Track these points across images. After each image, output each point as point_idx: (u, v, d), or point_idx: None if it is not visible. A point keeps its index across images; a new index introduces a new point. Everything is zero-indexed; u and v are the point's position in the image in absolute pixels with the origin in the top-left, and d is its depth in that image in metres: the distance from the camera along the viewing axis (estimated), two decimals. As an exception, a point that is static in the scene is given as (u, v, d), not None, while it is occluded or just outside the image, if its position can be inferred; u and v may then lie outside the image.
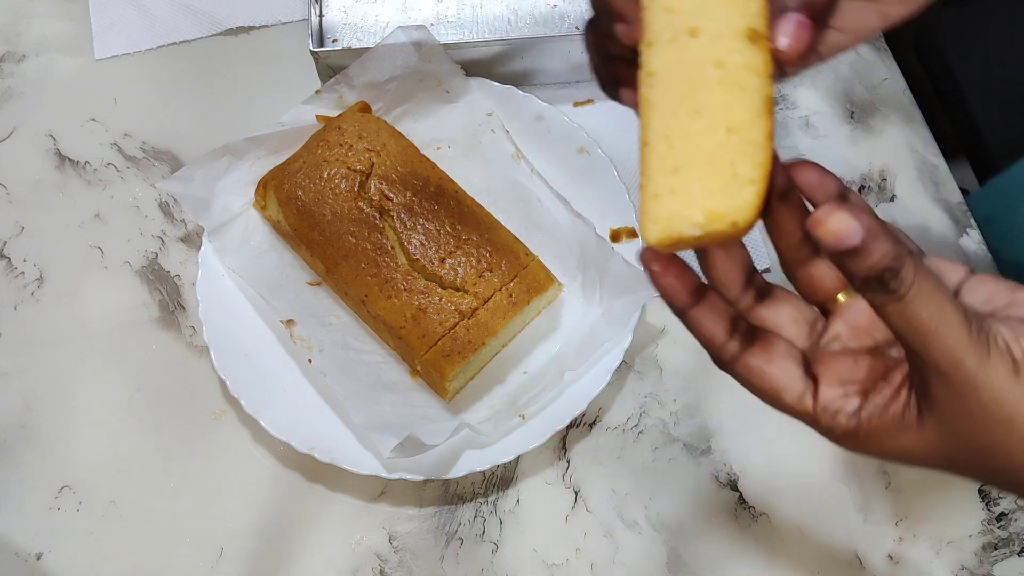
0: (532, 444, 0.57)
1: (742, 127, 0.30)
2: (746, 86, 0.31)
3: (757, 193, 0.30)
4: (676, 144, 0.31)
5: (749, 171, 0.30)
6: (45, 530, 0.59)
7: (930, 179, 0.73)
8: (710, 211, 0.30)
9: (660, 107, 0.31)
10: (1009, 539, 0.59)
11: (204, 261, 0.64)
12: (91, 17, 0.79)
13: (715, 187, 0.30)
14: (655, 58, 0.31)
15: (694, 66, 0.31)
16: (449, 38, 0.73)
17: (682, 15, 0.31)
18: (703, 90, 0.31)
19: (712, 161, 0.30)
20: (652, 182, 0.31)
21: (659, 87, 0.31)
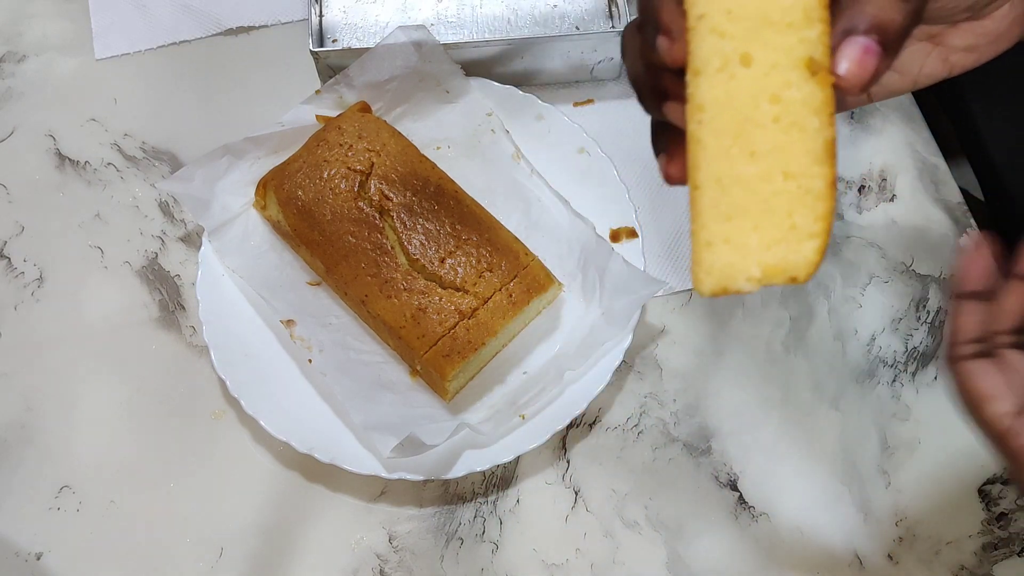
0: (532, 444, 0.57)
1: (801, 173, 0.28)
2: (805, 126, 0.28)
3: (817, 249, 0.28)
4: (729, 189, 0.29)
5: (809, 223, 0.28)
6: (45, 530, 0.59)
7: (930, 179, 0.73)
8: (768, 265, 0.28)
9: (711, 146, 0.29)
10: (1009, 539, 0.59)
11: (204, 261, 0.64)
12: (91, 17, 0.79)
13: (773, 239, 0.28)
14: (704, 90, 0.29)
15: (747, 101, 0.28)
16: (449, 38, 0.73)
17: (733, 40, 0.28)
18: (757, 129, 0.28)
19: (769, 209, 0.28)
20: (705, 229, 0.29)
21: (709, 123, 0.29)
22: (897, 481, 0.61)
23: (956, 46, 0.37)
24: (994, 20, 0.36)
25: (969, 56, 0.37)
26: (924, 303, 0.67)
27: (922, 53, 0.37)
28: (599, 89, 0.75)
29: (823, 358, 0.65)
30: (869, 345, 0.65)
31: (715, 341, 0.66)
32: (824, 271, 0.68)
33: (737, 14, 0.28)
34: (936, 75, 0.37)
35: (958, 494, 0.60)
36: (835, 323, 0.66)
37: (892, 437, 0.62)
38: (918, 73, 0.37)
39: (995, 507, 0.60)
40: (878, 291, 0.68)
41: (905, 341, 0.66)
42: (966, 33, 0.36)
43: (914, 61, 0.37)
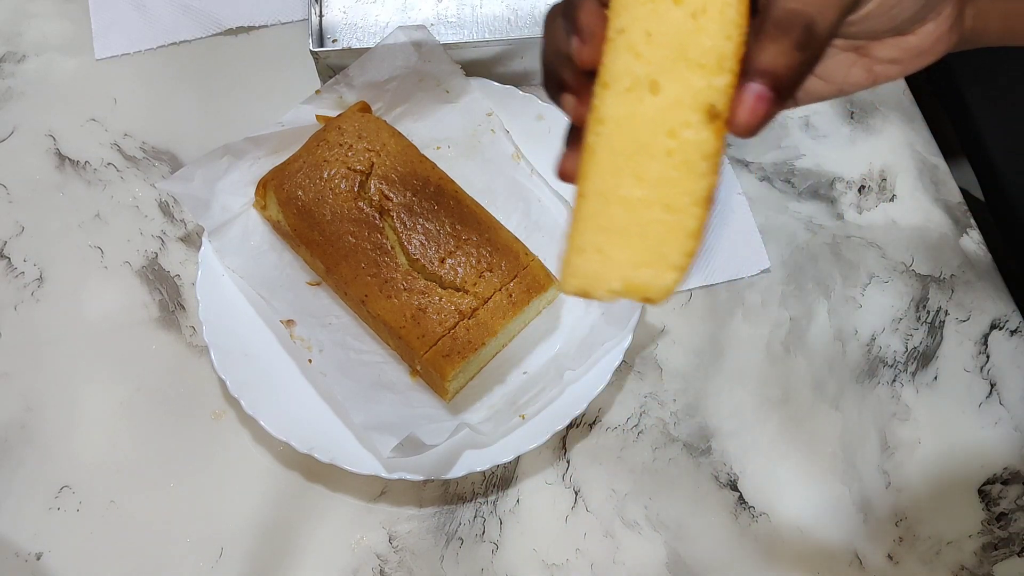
0: (532, 444, 0.57)
1: (680, 210, 0.30)
2: (693, 168, 0.29)
3: (677, 280, 0.30)
4: (611, 205, 0.30)
5: (677, 258, 0.30)
6: (45, 530, 0.59)
7: (930, 179, 0.73)
8: (629, 282, 0.30)
9: (603, 161, 0.30)
10: (1009, 539, 0.59)
11: (204, 261, 0.64)
12: (91, 17, 0.79)
13: (640, 261, 0.30)
14: (609, 105, 0.30)
15: (647, 128, 0.29)
16: (449, 38, 0.73)
17: (647, 64, 0.29)
18: (651, 158, 0.29)
19: (643, 235, 0.30)
20: (580, 235, 0.30)
21: (607, 138, 0.30)
22: (897, 481, 0.61)
23: (881, 58, 0.37)
24: (918, 36, 0.36)
25: (893, 67, 0.38)
26: (924, 303, 0.67)
27: (847, 63, 0.38)
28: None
29: (823, 358, 0.65)
30: (869, 345, 0.65)
31: (715, 341, 0.66)
32: (824, 271, 0.68)
33: (656, 39, 0.29)
34: (861, 84, 0.38)
35: (958, 494, 0.60)
36: (835, 323, 0.66)
37: (892, 437, 0.62)
38: (843, 81, 0.38)
39: (995, 507, 0.60)
40: (878, 291, 0.68)
41: (905, 341, 0.66)
42: (890, 47, 0.37)
43: (839, 70, 0.38)
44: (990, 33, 0.38)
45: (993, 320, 0.66)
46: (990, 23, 0.37)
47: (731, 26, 0.29)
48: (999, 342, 0.65)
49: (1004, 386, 0.64)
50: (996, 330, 0.66)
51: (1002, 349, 0.65)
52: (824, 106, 0.76)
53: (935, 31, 0.36)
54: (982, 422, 0.63)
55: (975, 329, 0.66)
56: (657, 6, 0.29)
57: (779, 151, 0.74)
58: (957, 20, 0.37)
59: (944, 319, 0.66)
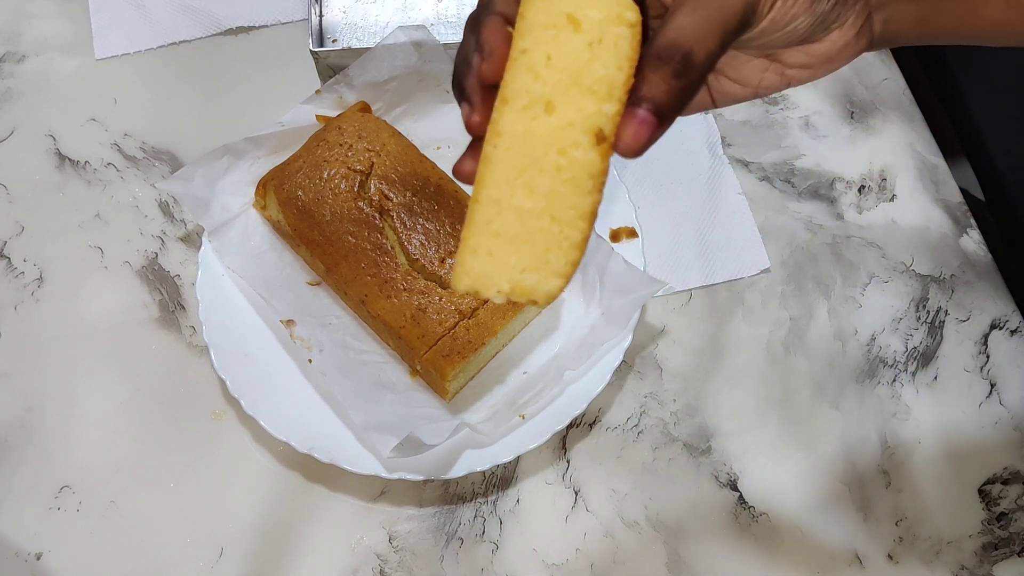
0: (532, 444, 0.57)
1: (565, 223, 0.32)
2: (580, 186, 0.32)
3: (560, 287, 0.32)
4: (504, 213, 0.32)
5: (560, 265, 0.32)
6: (45, 530, 0.59)
7: (930, 179, 0.73)
8: (516, 285, 0.32)
9: (498, 172, 0.32)
10: (1009, 539, 0.59)
11: (204, 261, 0.64)
12: (91, 17, 0.79)
13: (527, 266, 0.32)
14: (507, 120, 0.32)
15: (540, 145, 0.32)
16: (449, 38, 0.73)
17: (544, 85, 0.31)
18: (541, 173, 0.32)
19: (531, 242, 0.32)
20: (473, 237, 0.32)
21: (503, 151, 0.32)
22: (897, 481, 0.61)
23: (791, 63, 0.39)
24: (825, 44, 0.38)
25: (804, 72, 0.39)
26: (924, 303, 0.67)
27: (760, 68, 0.40)
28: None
29: (823, 358, 0.65)
30: (869, 345, 0.65)
31: (715, 341, 0.66)
32: (824, 271, 0.68)
33: (555, 63, 0.31)
34: (775, 87, 0.40)
35: (958, 494, 0.60)
36: (835, 323, 0.66)
37: (892, 437, 0.62)
38: (757, 85, 0.40)
39: (995, 507, 0.60)
40: (878, 291, 0.68)
41: (905, 341, 0.66)
42: (799, 54, 0.38)
43: (752, 75, 0.40)
44: (904, 35, 0.39)
45: (993, 320, 0.66)
46: (904, 26, 0.39)
47: (623, 58, 0.31)
48: (999, 342, 0.65)
49: (1004, 386, 0.64)
50: (996, 330, 0.66)
51: (1002, 349, 0.65)
52: (824, 106, 0.76)
53: (840, 39, 0.37)
54: (982, 422, 0.63)
55: (975, 329, 0.66)
56: (559, 32, 0.31)
57: (779, 151, 0.74)
58: (864, 27, 0.38)
59: (944, 319, 0.66)
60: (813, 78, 0.40)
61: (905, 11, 0.38)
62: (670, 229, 0.69)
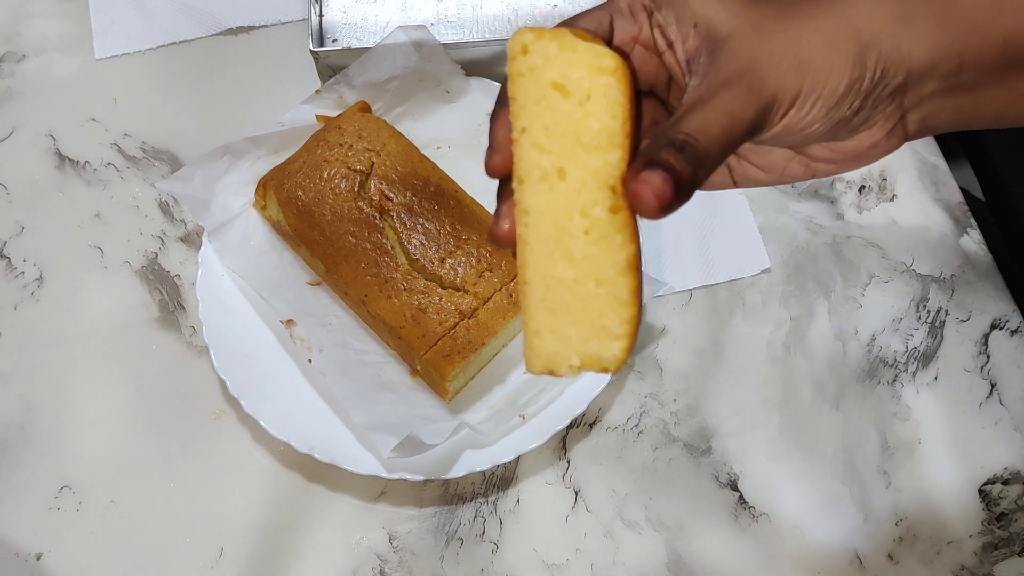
0: (532, 444, 0.57)
1: (608, 282, 0.32)
2: (610, 242, 0.32)
3: (624, 348, 0.32)
4: (551, 287, 0.32)
5: (615, 326, 0.32)
6: (45, 530, 0.59)
7: (930, 179, 0.73)
8: (585, 356, 0.32)
9: (536, 248, 0.32)
10: (1009, 539, 0.59)
11: (204, 261, 0.63)
12: (91, 17, 0.79)
13: (588, 335, 0.32)
14: (527, 196, 0.32)
15: (563, 212, 0.32)
16: (449, 38, 0.73)
17: (551, 155, 0.32)
18: (572, 239, 0.32)
19: (585, 309, 0.32)
20: (533, 319, 0.33)
21: (533, 227, 0.32)
22: (897, 481, 0.61)
23: (817, 157, 0.38)
24: (852, 143, 0.36)
25: (830, 166, 0.38)
26: (924, 303, 0.67)
27: (784, 157, 0.38)
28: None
29: (823, 358, 0.65)
30: (869, 345, 0.65)
31: (715, 341, 0.66)
32: (824, 271, 0.68)
33: (554, 131, 0.32)
34: (798, 176, 0.39)
35: (958, 494, 0.60)
36: (835, 323, 0.66)
37: (892, 437, 0.62)
38: (781, 174, 0.39)
39: (995, 507, 0.60)
40: (878, 291, 0.68)
41: (905, 341, 0.66)
42: (825, 150, 0.37)
43: (777, 163, 0.39)
44: (942, 127, 0.37)
45: (993, 320, 0.66)
46: (942, 119, 0.37)
47: (615, 106, 0.31)
48: (999, 342, 0.65)
49: (1004, 386, 0.64)
50: (996, 330, 0.66)
51: (1002, 349, 0.65)
52: (824, 106, 0.76)
53: (868, 139, 0.36)
54: (982, 422, 0.63)
55: (975, 329, 0.66)
56: (549, 102, 0.32)
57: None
58: (896, 128, 0.36)
59: (944, 319, 0.66)
60: (840, 172, 0.38)
61: (943, 106, 0.36)
62: (670, 229, 0.69)
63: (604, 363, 0.32)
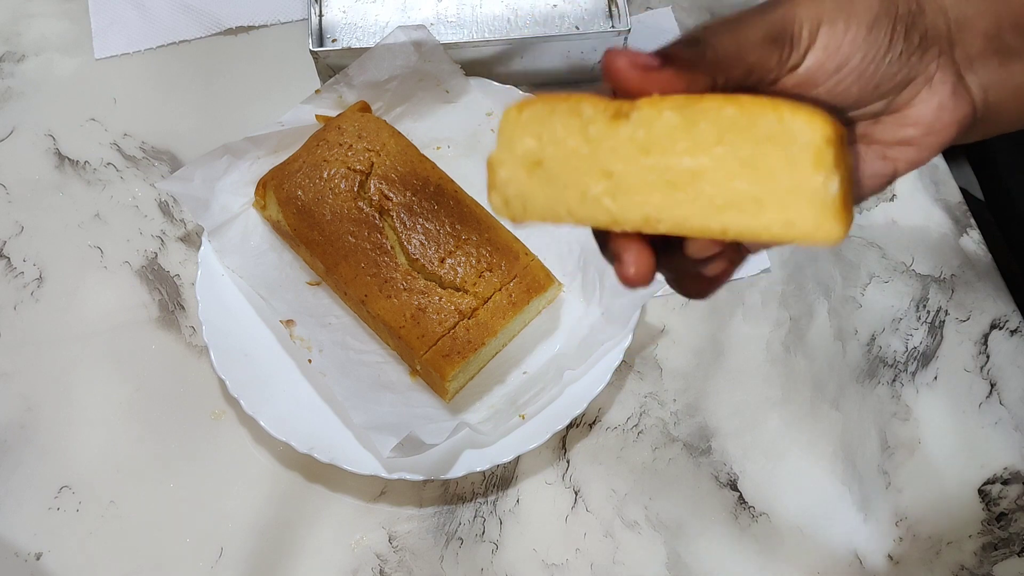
0: (532, 444, 0.57)
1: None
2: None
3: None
4: None
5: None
6: (45, 530, 0.59)
7: (930, 179, 0.73)
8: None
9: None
10: (1009, 539, 0.59)
11: (204, 261, 0.63)
12: (91, 17, 0.79)
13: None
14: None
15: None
16: (449, 38, 0.73)
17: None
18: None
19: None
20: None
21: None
22: (897, 481, 0.61)
23: (887, 140, 0.35)
24: (916, 109, 0.34)
25: (908, 150, 0.35)
26: (924, 303, 0.67)
27: (856, 155, 0.36)
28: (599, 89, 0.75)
29: (823, 358, 0.65)
30: (869, 345, 0.65)
31: (715, 341, 0.65)
32: (824, 271, 0.68)
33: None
34: (881, 174, 0.36)
35: (958, 494, 0.60)
36: (835, 323, 0.66)
37: (892, 437, 0.62)
38: (859, 176, 0.36)
39: (995, 507, 0.60)
40: (878, 291, 0.68)
41: (905, 341, 0.66)
42: (892, 127, 0.35)
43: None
44: (1008, 112, 0.35)
45: (993, 320, 0.66)
46: (1004, 97, 0.34)
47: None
48: (999, 342, 0.65)
49: (1004, 386, 0.64)
50: (996, 330, 0.66)
51: (1002, 349, 0.65)
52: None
53: (933, 99, 0.34)
54: (982, 422, 0.63)
55: (975, 329, 0.66)
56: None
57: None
58: (959, 88, 0.34)
59: (944, 319, 0.66)
60: (920, 158, 0.35)
61: (1000, 78, 0.34)
62: (670, 229, 0.69)
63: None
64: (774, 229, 0.30)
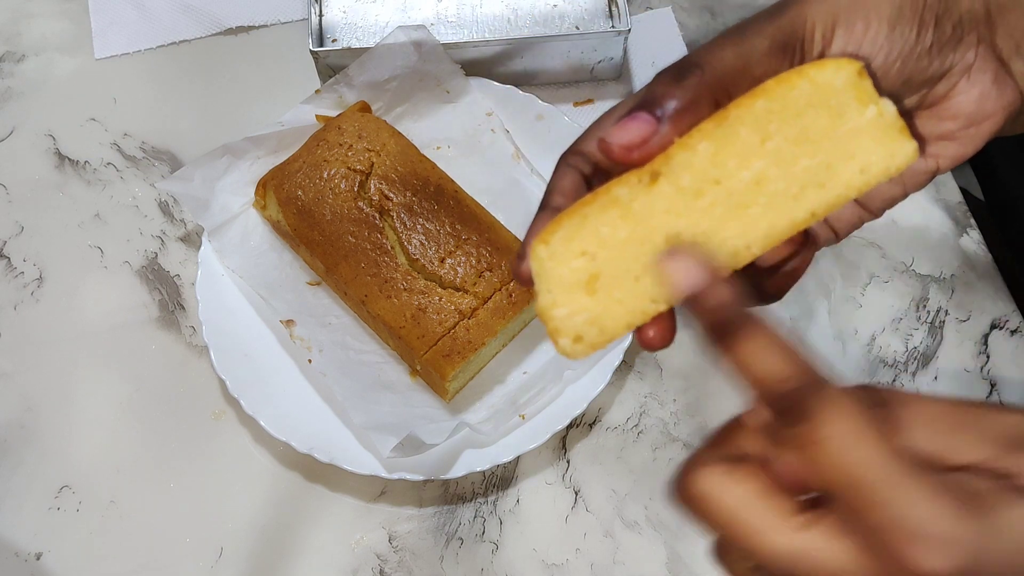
0: (532, 444, 0.57)
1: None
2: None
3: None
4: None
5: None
6: (45, 530, 0.59)
7: (930, 179, 0.73)
8: None
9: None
10: (1009, 539, 0.59)
11: (204, 261, 0.63)
12: (91, 17, 0.79)
13: None
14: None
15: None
16: (449, 38, 0.73)
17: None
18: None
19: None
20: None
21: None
22: (897, 481, 0.60)
23: (928, 135, 0.33)
24: (958, 99, 0.32)
25: (951, 145, 0.33)
26: (924, 303, 0.67)
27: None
28: (599, 89, 0.75)
29: (823, 358, 0.65)
30: (869, 345, 0.65)
31: (715, 341, 0.65)
32: (824, 271, 0.68)
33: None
34: (922, 171, 0.34)
35: (958, 494, 0.60)
36: (835, 323, 0.66)
37: (892, 437, 0.62)
38: (901, 174, 0.35)
39: (995, 507, 0.60)
40: (878, 291, 0.68)
41: (905, 341, 0.65)
42: (929, 120, 0.33)
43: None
44: None
45: (993, 320, 0.66)
46: None
47: None
48: (999, 342, 0.65)
49: (1004, 386, 0.64)
50: (996, 330, 0.66)
51: (1002, 349, 0.65)
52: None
53: (973, 89, 0.32)
54: (982, 422, 0.62)
55: (975, 329, 0.66)
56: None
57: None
58: (1001, 74, 0.32)
59: (944, 319, 0.66)
60: (964, 152, 0.33)
61: None
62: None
63: None
64: (855, 183, 0.29)
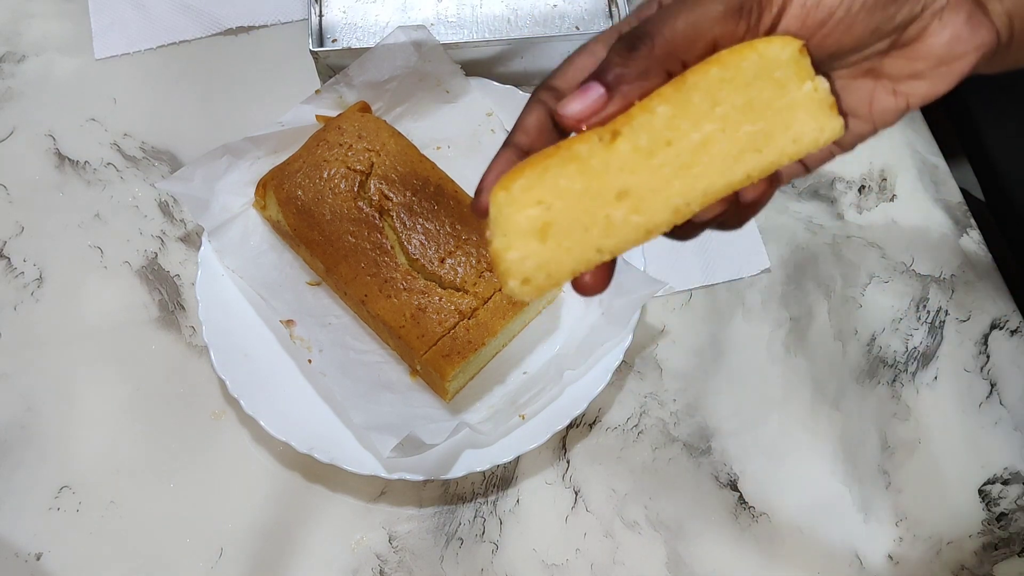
0: (532, 444, 0.57)
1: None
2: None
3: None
4: None
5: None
6: (45, 530, 0.59)
7: (930, 179, 0.73)
8: None
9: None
10: (1009, 539, 0.59)
11: (204, 261, 0.63)
12: (91, 17, 0.79)
13: None
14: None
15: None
16: (449, 38, 0.73)
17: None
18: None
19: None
20: None
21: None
22: (897, 481, 0.61)
23: (897, 75, 0.33)
24: (928, 42, 0.32)
25: (919, 84, 0.33)
26: (924, 303, 0.67)
27: (866, 90, 0.34)
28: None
29: (823, 358, 0.65)
30: (869, 345, 0.65)
31: (715, 341, 0.66)
32: (824, 271, 0.68)
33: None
34: (891, 109, 0.34)
35: (958, 494, 0.60)
36: (835, 323, 0.66)
37: (892, 437, 0.62)
38: (869, 111, 0.34)
39: (995, 507, 0.60)
40: (878, 291, 0.68)
41: (905, 341, 0.66)
42: (902, 61, 0.33)
43: (862, 101, 0.34)
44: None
45: (993, 320, 0.66)
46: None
47: None
48: (999, 342, 0.65)
49: (1004, 386, 0.64)
50: (996, 330, 0.66)
51: (1002, 349, 0.65)
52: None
53: (945, 31, 0.31)
54: (982, 422, 0.63)
55: (975, 329, 0.66)
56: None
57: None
58: (976, 16, 0.31)
59: (944, 319, 0.66)
60: (934, 91, 0.33)
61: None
62: (670, 229, 0.69)
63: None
64: (788, 150, 0.32)
